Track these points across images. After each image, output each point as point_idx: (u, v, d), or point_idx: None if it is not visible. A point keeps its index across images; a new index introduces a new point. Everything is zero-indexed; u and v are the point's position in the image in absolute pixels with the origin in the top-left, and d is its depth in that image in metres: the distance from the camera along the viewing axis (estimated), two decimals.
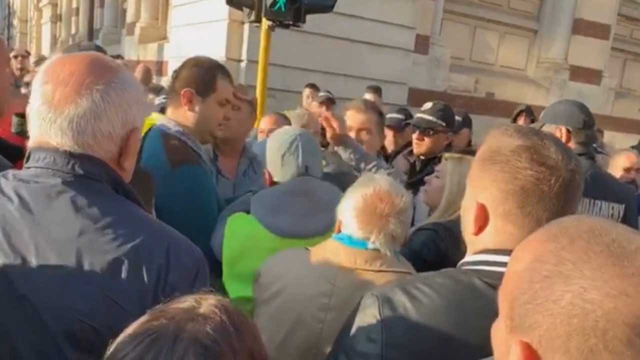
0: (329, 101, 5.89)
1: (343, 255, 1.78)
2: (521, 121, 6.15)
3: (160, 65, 11.55)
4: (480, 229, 1.31)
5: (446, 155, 2.84)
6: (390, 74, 9.24)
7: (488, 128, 1.40)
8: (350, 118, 3.07)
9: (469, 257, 1.36)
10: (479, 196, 1.31)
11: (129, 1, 14.96)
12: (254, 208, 2.25)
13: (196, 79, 2.44)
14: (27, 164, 1.30)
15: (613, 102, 12.28)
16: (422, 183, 2.98)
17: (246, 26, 8.25)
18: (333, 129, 2.80)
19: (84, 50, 2.37)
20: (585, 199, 2.84)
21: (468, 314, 1.25)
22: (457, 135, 4.19)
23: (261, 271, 1.95)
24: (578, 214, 1.10)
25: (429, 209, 2.87)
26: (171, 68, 6.76)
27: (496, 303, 0.87)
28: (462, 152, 3.08)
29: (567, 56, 11.49)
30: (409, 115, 4.69)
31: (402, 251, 2.27)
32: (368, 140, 2.98)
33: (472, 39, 11.05)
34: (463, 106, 7.84)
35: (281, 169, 2.29)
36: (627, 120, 12.31)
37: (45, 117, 1.26)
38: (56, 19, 23.15)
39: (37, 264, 1.21)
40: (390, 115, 4.69)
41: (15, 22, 31.26)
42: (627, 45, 12.83)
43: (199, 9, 9.22)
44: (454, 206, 2.53)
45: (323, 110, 5.81)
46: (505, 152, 1.27)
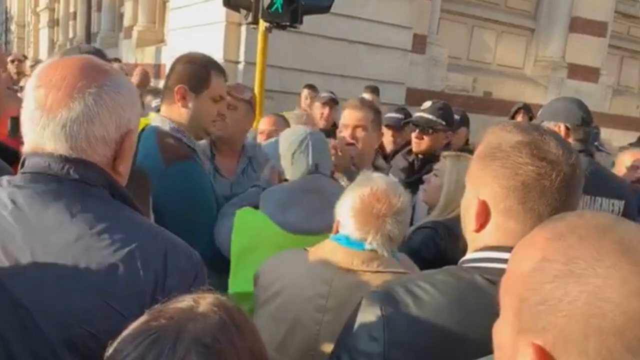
0: (332, 102, 5.86)
1: (340, 256, 1.77)
2: (519, 119, 6.14)
3: (158, 68, 11.56)
4: (481, 226, 1.30)
5: (444, 154, 2.84)
6: (387, 74, 9.24)
7: (486, 127, 1.39)
8: (346, 116, 3.06)
9: (470, 255, 1.36)
10: (479, 193, 1.31)
11: (126, 5, 14.98)
12: (263, 204, 2.27)
13: (189, 75, 2.43)
14: (22, 170, 1.29)
15: (611, 99, 12.29)
16: (421, 182, 2.98)
17: (243, 28, 8.26)
18: (339, 157, 2.79)
19: (84, 53, 2.36)
20: (586, 196, 2.84)
21: (470, 311, 1.24)
22: (455, 134, 4.18)
23: (260, 272, 1.94)
24: (580, 210, 1.09)
25: (428, 207, 2.87)
26: None
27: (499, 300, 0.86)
28: (460, 151, 3.08)
29: (565, 54, 11.50)
30: (408, 115, 4.67)
31: (401, 249, 2.28)
32: (363, 138, 2.95)
33: (470, 38, 11.06)
34: (461, 105, 7.84)
35: (291, 167, 2.32)
36: (624, 118, 12.33)
37: (39, 122, 1.24)
38: (54, 23, 23.16)
39: (32, 269, 1.20)
40: (389, 115, 4.67)
41: (13, 26, 31.26)
42: (624, 42, 12.85)
43: (196, 11, 9.23)
44: (453, 204, 2.54)
45: (326, 110, 5.80)
46: (505, 148, 1.27)
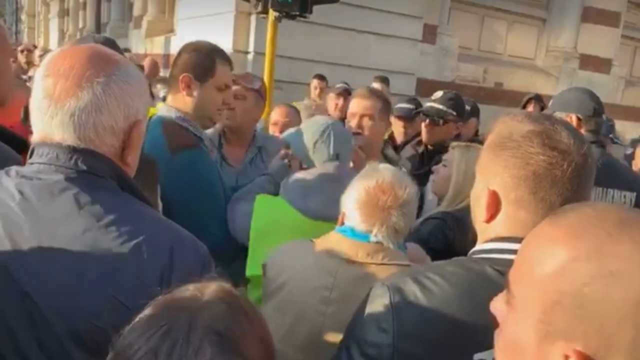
0: (346, 92, 5.84)
1: (345, 248, 1.77)
2: (530, 109, 6.08)
3: (167, 58, 11.54)
4: (492, 216, 1.29)
5: (453, 144, 2.83)
6: (398, 65, 9.21)
7: (496, 118, 1.38)
8: (353, 104, 3.04)
9: (480, 246, 1.34)
10: (490, 183, 1.29)
11: None
12: (284, 190, 2.30)
13: (194, 64, 2.42)
14: (31, 160, 1.29)
15: (623, 90, 12.20)
16: (431, 173, 2.96)
17: (253, 18, 8.25)
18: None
19: (98, 42, 2.36)
20: (598, 188, 2.81)
21: (480, 302, 1.23)
22: (465, 125, 4.15)
23: (267, 263, 1.95)
24: (588, 202, 1.08)
25: (438, 198, 2.86)
26: None
27: None
28: (469, 142, 3.06)
29: (577, 45, 11.41)
30: (419, 105, 4.60)
31: (410, 240, 2.27)
32: (370, 127, 2.92)
33: (481, 29, 10.99)
34: (471, 96, 7.76)
35: (313, 156, 2.37)
36: (637, 109, 12.22)
37: (47, 112, 1.24)
38: (64, 13, 23.20)
39: (39, 261, 1.20)
40: (399, 105, 4.60)
41: (23, 17, 31.38)
42: (638, 33, 12.72)
43: (206, 1, 9.22)
44: (462, 195, 2.53)
45: (340, 101, 5.78)
46: (516, 137, 1.25)
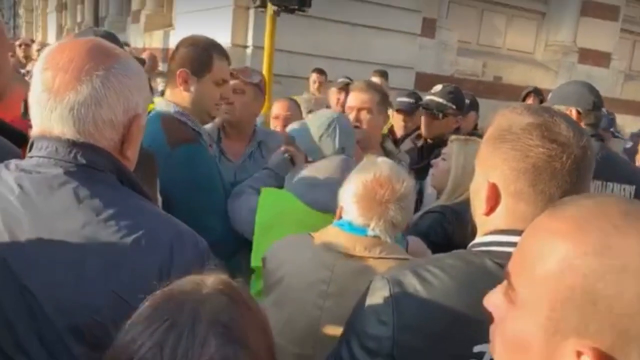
0: (347, 87, 5.84)
1: (343, 242, 1.78)
2: (530, 102, 6.10)
3: (166, 53, 11.51)
4: (491, 209, 1.29)
5: (452, 138, 2.82)
6: (397, 59, 9.19)
7: (495, 111, 1.38)
8: (351, 98, 3.04)
9: (479, 238, 1.35)
10: (489, 176, 1.29)
11: None
12: (290, 184, 2.32)
13: (191, 58, 2.43)
14: (30, 153, 1.29)
15: (622, 84, 12.19)
16: (430, 167, 2.96)
17: (251, 12, 8.22)
18: None
19: (98, 36, 2.35)
20: (597, 181, 2.82)
21: (480, 295, 1.22)
22: (464, 119, 4.14)
23: (267, 257, 1.96)
24: (583, 193, 1.07)
25: (437, 192, 2.86)
26: None
27: None
28: (468, 136, 3.06)
29: (576, 38, 11.39)
30: (419, 99, 4.58)
31: (409, 234, 2.28)
32: (368, 120, 2.92)
33: (480, 22, 10.96)
34: (470, 90, 7.75)
35: (318, 149, 2.39)
36: (636, 103, 12.21)
37: (46, 105, 1.24)
38: (62, 7, 23.10)
39: (39, 255, 1.20)
40: (400, 99, 4.60)
41: (21, 11, 31.24)
42: (637, 26, 12.68)
43: None
44: (461, 188, 2.53)
45: (342, 96, 5.77)
46: (516, 130, 1.25)
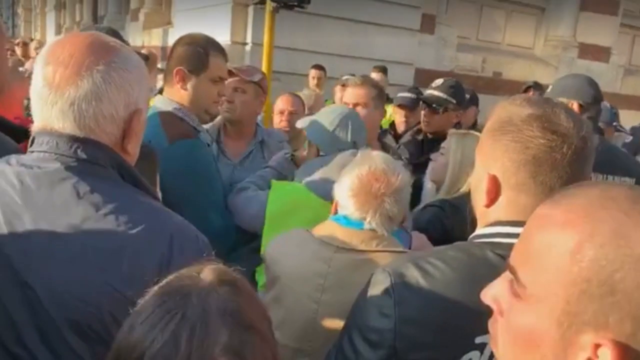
0: None
1: (339, 236, 1.79)
2: None
3: (165, 51, 11.49)
4: (492, 201, 1.29)
5: (451, 132, 2.82)
6: (396, 55, 9.18)
7: (495, 104, 1.38)
8: (347, 94, 3.03)
9: (480, 230, 1.35)
10: (490, 168, 1.29)
11: None
12: (302, 176, 2.34)
13: (188, 56, 2.44)
14: (31, 148, 1.29)
15: (622, 79, 12.17)
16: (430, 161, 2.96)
17: (250, 9, 8.22)
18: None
19: (100, 31, 2.36)
20: (598, 174, 2.81)
21: (482, 286, 1.23)
22: (464, 114, 4.13)
23: (266, 253, 1.97)
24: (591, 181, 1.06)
25: (436, 187, 2.86)
26: None
27: None
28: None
29: (576, 33, 11.38)
30: (420, 94, 4.58)
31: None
32: (365, 115, 2.87)
33: (479, 18, 10.95)
34: (470, 86, 7.76)
35: (330, 143, 2.41)
36: (636, 98, 12.19)
37: (47, 100, 1.24)
38: (60, 6, 23.07)
39: (39, 250, 1.20)
40: (401, 94, 4.58)
41: (20, 10, 31.21)
42: (637, 21, 12.66)
43: None
44: (459, 182, 2.53)
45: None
46: (516, 121, 1.25)
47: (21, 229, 1.21)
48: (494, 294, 0.87)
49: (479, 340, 1.23)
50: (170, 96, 2.46)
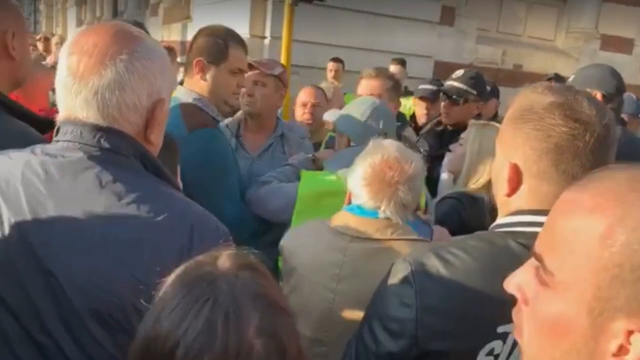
0: None
1: (354, 225, 1.79)
2: None
3: (184, 45, 11.55)
4: (513, 190, 1.28)
5: (471, 122, 2.80)
6: (415, 47, 9.13)
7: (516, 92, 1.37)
8: (361, 86, 3.03)
9: (502, 219, 1.34)
10: (511, 156, 1.28)
11: None
12: (333, 167, 2.37)
13: (208, 48, 2.46)
14: (56, 137, 1.31)
15: None
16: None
17: (269, 2, 8.22)
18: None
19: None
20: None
21: (504, 275, 1.22)
22: (485, 105, 4.09)
23: (283, 245, 1.98)
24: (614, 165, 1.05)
25: (453, 177, 2.84)
26: None
27: None
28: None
29: (598, 25, 11.20)
30: (441, 86, 4.57)
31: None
32: None
33: (499, 10, 10.83)
34: (490, 78, 7.71)
35: (362, 133, 2.42)
36: None
37: (71, 89, 1.25)
38: (81, 2, 23.25)
39: (62, 239, 1.22)
40: (422, 87, 4.54)
41: (41, 6, 31.53)
42: None
43: None
44: (476, 173, 2.51)
45: None
46: (537, 109, 1.24)
47: (45, 217, 1.23)
48: (518, 282, 0.84)
49: (501, 329, 1.22)
50: (191, 87, 2.48)
